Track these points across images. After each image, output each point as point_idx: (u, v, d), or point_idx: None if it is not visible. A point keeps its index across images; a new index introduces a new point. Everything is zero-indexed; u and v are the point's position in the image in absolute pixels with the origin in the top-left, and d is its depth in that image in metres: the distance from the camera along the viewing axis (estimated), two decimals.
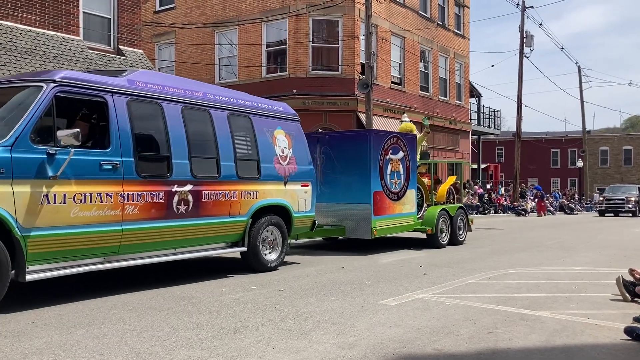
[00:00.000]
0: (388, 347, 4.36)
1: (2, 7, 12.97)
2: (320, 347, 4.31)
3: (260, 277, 7.43)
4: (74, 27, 14.38)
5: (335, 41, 22.70)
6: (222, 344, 4.34)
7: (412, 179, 11.13)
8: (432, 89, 28.04)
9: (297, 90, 22.06)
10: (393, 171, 10.43)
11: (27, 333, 4.56)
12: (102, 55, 14.72)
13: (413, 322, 5.12)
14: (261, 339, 4.51)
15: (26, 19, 13.39)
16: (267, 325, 4.91)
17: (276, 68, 23.22)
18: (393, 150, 10.50)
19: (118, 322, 4.96)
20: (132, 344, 4.32)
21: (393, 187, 10.42)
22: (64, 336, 4.49)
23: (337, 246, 11.46)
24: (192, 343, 4.36)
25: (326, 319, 5.19)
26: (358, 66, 22.60)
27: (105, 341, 4.37)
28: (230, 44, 24.09)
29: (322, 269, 8.14)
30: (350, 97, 22.37)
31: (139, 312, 5.32)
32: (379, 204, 9.97)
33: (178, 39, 25.32)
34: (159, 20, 25.78)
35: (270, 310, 5.47)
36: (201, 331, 4.70)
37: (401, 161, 10.73)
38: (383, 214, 10.03)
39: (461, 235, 12.30)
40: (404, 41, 25.75)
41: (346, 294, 6.37)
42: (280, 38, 22.96)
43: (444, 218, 11.60)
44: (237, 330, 4.73)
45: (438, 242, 11.25)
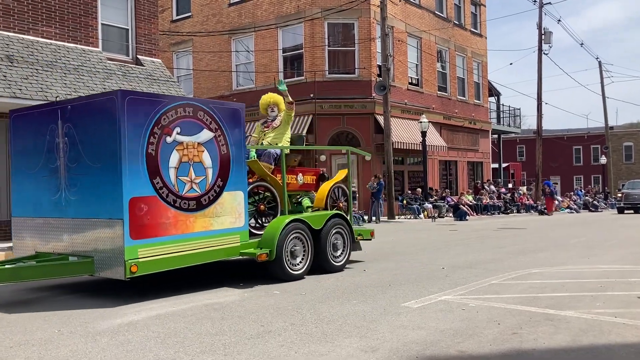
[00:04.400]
0: (411, 349, 4.33)
1: (23, 22, 13.24)
2: (342, 351, 4.30)
3: (282, 281, 7.44)
4: (93, 38, 14.62)
5: (351, 44, 22.71)
6: (245, 349, 4.36)
7: (237, 175, 7.13)
8: (450, 89, 27.88)
9: (314, 94, 22.11)
10: (185, 163, 6.52)
11: (53, 341, 4.63)
12: (121, 66, 14.93)
13: (436, 324, 5.08)
14: (284, 343, 4.51)
15: (46, 32, 13.64)
16: (289, 330, 4.91)
17: (293, 73, 23.31)
18: (184, 128, 6.53)
19: (142, 329, 5.01)
20: (156, 350, 4.35)
21: (185, 188, 6.51)
22: (89, 344, 4.54)
23: None
24: (215, 349, 4.38)
25: (348, 322, 5.17)
26: (375, 68, 22.57)
27: (129, 348, 4.41)
28: (246, 50, 24.25)
29: (342, 272, 8.13)
30: (368, 99, 22.34)
31: (162, 319, 5.37)
32: (147, 218, 6.10)
33: (195, 47, 25.56)
34: (176, 29, 26.05)
35: (292, 315, 5.47)
36: (224, 337, 4.72)
37: (208, 146, 6.79)
38: (158, 235, 6.20)
39: (338, 257, 8.31)
40: (421, 42, 25.66)
41: (368, 297, 6.35)
42: (296, 43, 23.05)
43: (300, 234, 7.68)
44: (259, 335, 4.75)
45: (284, 271, 7.36)
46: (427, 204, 22.50)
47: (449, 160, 28.02)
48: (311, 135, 21.91)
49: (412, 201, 22.40)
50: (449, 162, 28.16)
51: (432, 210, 22.21)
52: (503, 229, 16.92)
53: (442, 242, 12.90)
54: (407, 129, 23.60)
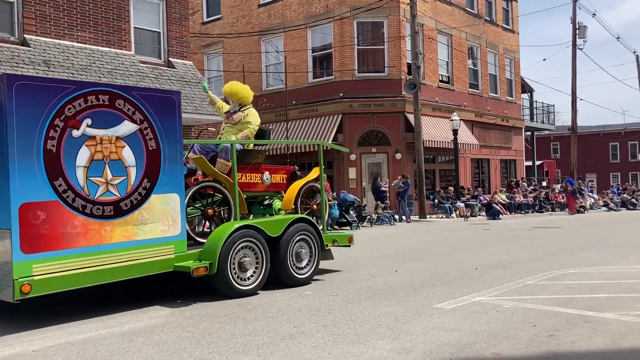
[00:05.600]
0: (445, 351, 4.29)
1: (59, 27, 13.56)
2: (375, 353, 4.28)
3: (313, 282, 7.45)
4: (126, 42, 14.88)
5: (380, 43, 22.61)
6: (278, 350, 4.38)
7: (171, 175, 6.07)
8: (481, 86, 27.52)
9: (343, 93, 22.08)
10: (98, 161, 5.50)
11: (91, 341, 4.73)
12: (153, 68, 15.16)
13: (470, 326, 5.02)
14: (316, 344, 4.52)
15: (81, 37, 13.94)
16: (322, 331, 4.92)
17: (322, 73, 23.31)
18: (97, 119, 5.51)
19: (177, 329, 5.08)
20: (191, 350, 4.41)
21: (99, 192, 5.49)
22: (126, 344, 4.63)
23: (387, 250, 11.36)
24: (249, 349, 4.41)
25: (381, 323, 5.15)
26: (405, 66, 22.42)
27: (165, 348, 4.48)
28: (276, 50, 24.35)
29: (374, 273, 8.09)
30: (398, 98, 22.21)
31: (196, 319, 5.43)
32: (46, 227, 5.12)
33: (225, 48, 25.79)
34: (207, 31, 26.33)
35: (325, 316, 5.47)
36: (257, 337, 4.75)
37: (130, 141, 5.74)
38: (61, 248, 5.20)
39: (302, 269, 7.26)
40: (451, 39, 25.39)
41: (400, 298, 6.31)
42: (325, 42, 23.05)
43: (251, 243, 6.62)
44: (292, 336, 4.76)
45: (230, 286, 6.36)
46: (459, 203, 22.25)
47: (481, 158, 27.65)
48: (341, 134, 21.88)
49: (444, 200, 22.18)
50: (481, 160, 27.79)
51: (465, 209, 21.96)
52: (537, 228, 16.63)
53: (475, 241, 12.74)
54: (438, 127, 23.38)
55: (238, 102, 7.81)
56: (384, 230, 16.45)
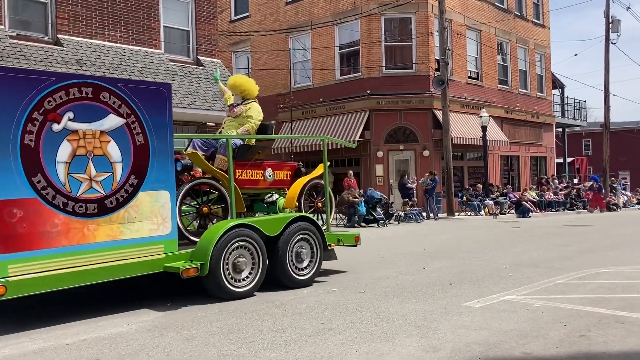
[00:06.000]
0: (474, 350, 4.26)
1: (91, 27, 13.81)
2: (403, 351, 4.27)
3: (341, 279, 7.46)
4: (156, 41, 15.08)
5: (408, 39, 22.46)
6: (306, 347, 4.40)
7: (160, 171, 5.79)
8: (511, 82, 27.14)
9: (371, 90, 22.01)
10: (81, 157, 5.25)
11: (123, 335, 4.82)
12: (182, 67, 15.34)
13: (499, 325, 4.97)
14: (344, 341, 4.53)
15: (112, 36, 14.18)
16: (350, 328, 4.92)
17: (349, 70, 23.28)
18: (80, 113, 5.26)
19: (206, 324, 5.14)
20: (220, 346, 4.46)
21: (81, 188, 5.24)
22: (156, 338, 4.70)
23: (414, 247, 11.30)
24: (277, 345, 4.44)
25: (409, 321, 5.13)
26: (433, 63, 22.24)
27: (194, 343, 4.54)
28: (303, 48, 24.40)
29: (402, 271, 8.06)
30: (426, 94, 22.05)
31: (224, 315, 5.49)
32: (23, 226, 4.88)
33: (253, 46, 25.94)
34: (235, 29, 26.52)
35: (352, 313, 5.48)
36: (285, 333, 4.78)
37: (115, 136, 5.48)
38: (40, 248, 4.96)
39: (303, 270, 6.94)
40: (480, 34, 25.08)
41: (428, 296, 6.28)
42: (352, 39, 23.00)
43: (246, 242, 6.31)
44: (319, 333, 4.78)
45: (223, 288, 6.06)
46: (488, 201, 21.99)
47: (511, 155, 27.27)
48: (368, 131, 21.83)
49: (472, 197, 21.95)
50: (511, 157, 27.42)
51: (494, 207, 21.70)
52: (568, 226, 16.34)
53: (504, 239, 12.58)
54: (466, 123, 23.14)
55: (242, 96, 7.61)
56: (411, 228, 16.36)
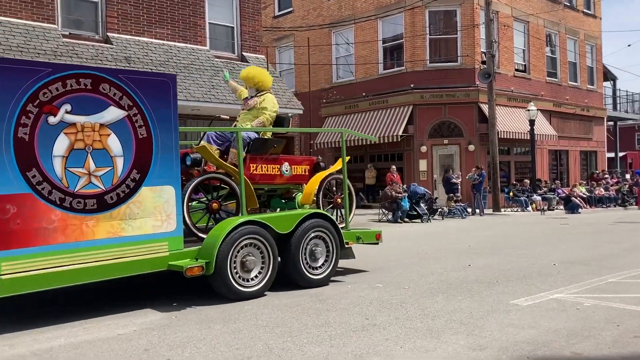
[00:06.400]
0: (522, 349, 4.18)
1: (139, 25, 14.14)
2: (449, 348, 4.23)
3: (384, 275, 7.43)
4: (201, 37, 15.32)
5: (453, 32, 22.10)
6: (350, 342, 4.41)
7: (165, 165, 5.58)
8: (560, 75, 26.38)
9: (414, 84, 21.77)
10: (79, 150, 5.07)
11: (171, 327, 4.94)
12: (227, 63, 15.53)
13: (548, 324, 4.86)
14: (389, 337, 4.52)
15: (159, 33, 14.48)
16: (394, 324, 4.91)
17: (392, 64, 23.08)
18: (78, 105, 5.08)
19: (251, 318, 5.21)
20: (266, 339, 4.52)
21: (80, 183, 5.06)
22: (204, 330, 4.80)
23: (459, 244, 11.14)
24: (322, 340, 4.47)
25: (454, 318, 5.08)
26: (478, 55, 21.82)
27: (240, 336, 4.61)
28: (346, 42, 24.32)
29: (446, 267, 7.97)
30: (471, 88, 21.66)
31: (270, 309, 5.55)
32: (17, 222, 4.73)
33: (296, 41, 26.02)
34: (278, 24, 26.66)
35: (397, 309, 5.45)
36: (329, 328, 4.80)
37: (116, 128, 5.28)
38: (35, 245, 4.81)
39: (317, 269, 6.68)
40: (528, 26, 24.45)
41: (474, 293, 6.19)
42: (396, 33, 22.78)
43: (256, 240, 6.07)
44: (364, 328, 4.78)
45: (230, 287, 5.83)
46: (536, 196, 21.47)
47: (560, 149, 26.53)
48: (411, 125, 21.61)
49: (519, 193, 21.46)
50: (560, 151, 26.67)
51: (541, 203, 21.17)
52: (619, 222, 15.80)
53: (553, 236, 12.27)
54: (513, 117, 22.62)
55: (255, 88, 7.36)
56: (456, 224, 16.14)
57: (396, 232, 13.49)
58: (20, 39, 12.02)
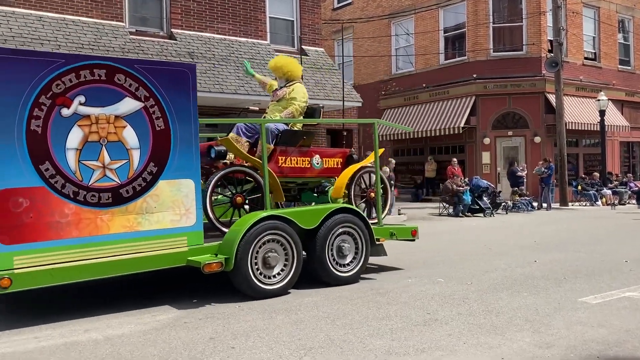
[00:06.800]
0: (591, 348, 4.03)
1: (202, 20, 14.46)
2: (514, 345, 4.13)
3: (445, 269, 7.33)
4: (262, 32, 15.51)
5: (518, 19, 21.41)
6: (412, 336, 4.38)
7: (184, 158, 5.44)
8: (634, 62, 25.09)
9: (477, 74, 21.25)
10: (94, 143, 4.98)
11: (235, 316, 5.06)
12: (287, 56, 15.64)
13: (620, 323, 4.65)
14: (451, 332, 4.45)
15: (221, 28, 14.76)
16: (457, 319, 4.83)
17: (454, 54, 22.61)
18: (92, 96, 4.98)
19: (313, 309, 5.26)
20: (327, 330, 4.55)
21: (94, 177, 4.98)
22: (266, 320, 4.89)
23: (524, 239, 10.83)
24: (383, 333, 4.46)
25: (519, 315, 4.95)
26: (545, 44, 21.06)
27: (302, 327, 4.67)
28: (406, 33, 24.01)
29: (510, 262, 7.77)
30: (537, 77, 20.94)
31: (331, 301, 5.58)
32: (30, 216, 4.68)
33: (355, 33, 25.91)
34: (337, 17, 26.60)
35: (459, 304, 5.37)
36: (390, 322, 4.78)
37: (132, 120, 5.16)
38: (48, 239, 4.75)
39: (345, 266, 6.40)
40: (598, 12, 23.37)
41: (540, 289, 6.00)
42: (458, 22, 22.29)
43: (279, 236, 5.86)
44: (426, 323, 4.73)
45: (251, 284, 5.63)
46: (606, 190, 20.57)
47: (632, 141, 25.26)
48: (474, 117, 21.12)
49: (588, 187, 20.62)
50: (632, 143, 25.40)
51: (612, 197, 20.26)
52: None
53: (624, 232, 11.73)
54: (582, 108, 21.72)
55: (285, 78, 7.13)
56: (521, 218, 15.69)
57: (457, 227, 13.26)
58: (91, 36, 12.54)
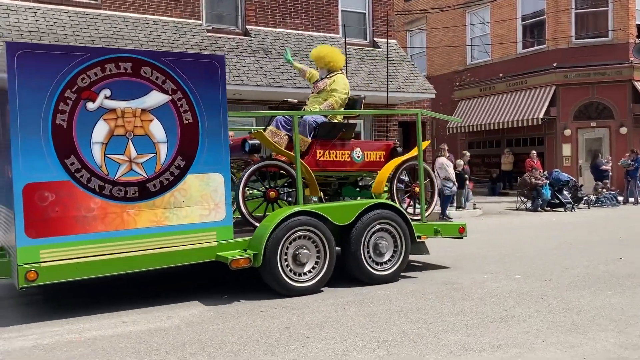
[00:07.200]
0: None
1: (275, 16, 14.68)
2: (597, 345, 3.97)
3: (522, 265, 7.11)
4: (334, 25, 15.55)
5: (603, 4, 20.31)
6: (488, 332, 4.30)
7: (213, 152, 5.36)
8: None
9: (557, 63, 20.35)
10: (119, 137, 4.96)
11: (309, 307, 5.14)
12: (359, 49, 15.61)
13: None
14: (529, 330, 4.33)
15: (294, 24, 14.92)
16: (535, 317, 4.69)
17: (533, 42, 21.76)
18: (117, 90, 4.96)
19: (386, 302, 5.26)
20: (400, 324, 4.54)
21: (120, 171, 4.96)
22: (339, 312, 4.94)
23: (608, 235, 10.31)
24: (457, 328, 4.40)
25: (602, 314, 4.74)
26: (633, 29, 19.86)
27: (375, 319, 4.68)
28: (482, 22, 23.34)
29: (593, 259, 7.42)
30: (624, 64, 19.80)
31: (403, 295, 5.56)
32: (56, 210, 4.71)
33: (429, 24, 25.47)
34: (410, 7, 26.24)
35: (537, 302, 5.20)
36: (465, 317, 4.71)
37: (159, 114, 5.11)
38: (74, 233, 4.77)
39: (382, 265, 6.12)
40: None
41: (626, 288, 5.71)
42: (537, 9, 21.42)
43: (310, 232, 5.69)
44: (502, 319, 4.63)
45: (280, 282, 5.51)
46: None
47: None
48: (554, 107, 20.26)
49: None
50: None
51: None
52: None
53: None
54: None
55: (326, 68, 6.86)
56: (604, 213, 14.94)
57: (536, 222, 12.82)
58: (170, 35, 13.01)
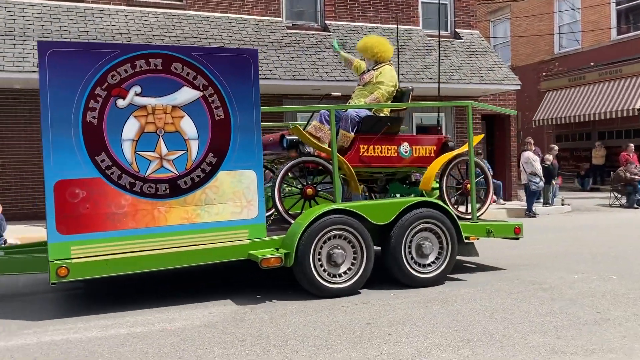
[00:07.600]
0: None
1: (354, 10, 14.66)
2: None
3: (618, 265, 6.72)
4: (414, 17, 15.32)
5: None
6: (580, 335, 4.09)
7: (245, 148, 5.27)
8: None
9: None
10: (150, 134, 4.96)
11: (390, 303, 5.11)
12: (440, 41, 15.28)
13: None
14: (626, 334, 4.09)
15: (374, 17, 14.83)
16: (632, 320, 4.42)
17: (629, 28, 20.46)
18: (148, 86, 4.95)
19: (470, 301, 5.13)
20: (485, 324, 4.42)
21: (151, 168, 4.96)
22: (421, 310, 4.87)
23: None
24: (546, 330, 4.22)
25: None
26: None
27: (459, 318, 4.58)
28: (572, 8, 22.21)
29: None
30: None
31: (488, 294, 5.40)
32: (86, 207, 4.77)
33: (513, 12, 24.55)
34: None
35: (635, 304, 4.90)
36: (555, 319, 4.51)
37: (190, 110, 5.08)
38: (105, 229, 4.81)
39: (426, 266, 5.77)
40: None
41: None
42: None
43: (346, 232, 5.43)
44: (595, 322, 4.39)
45: (313, 282, 5.28)
46: None
47: None
48: None
49: None
50: None
51: None
52: None
53: None
54: None
55: (374, 59, 6.57)
56: None
57: (631, 219, 12.08)
58: (252, 33, 13.29)
